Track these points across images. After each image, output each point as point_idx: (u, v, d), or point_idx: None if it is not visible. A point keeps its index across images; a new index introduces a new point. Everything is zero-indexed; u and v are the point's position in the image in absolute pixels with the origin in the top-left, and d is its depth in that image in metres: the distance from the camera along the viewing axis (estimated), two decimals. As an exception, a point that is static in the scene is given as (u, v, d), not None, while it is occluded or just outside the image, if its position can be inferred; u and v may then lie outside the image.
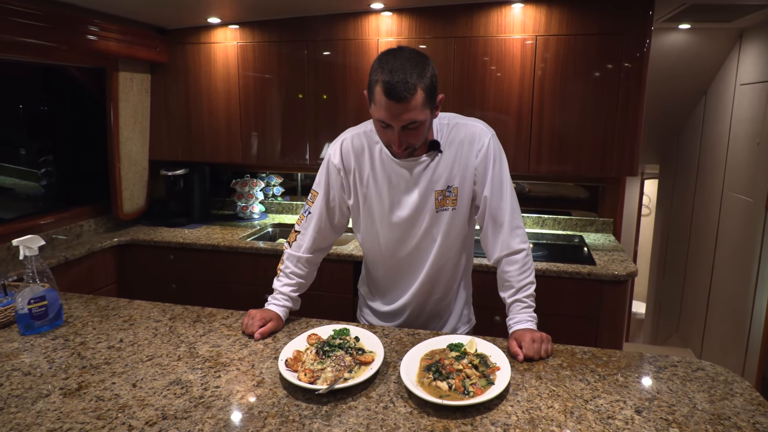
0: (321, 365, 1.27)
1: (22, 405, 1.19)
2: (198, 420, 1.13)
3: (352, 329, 1.49)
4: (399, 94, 1.27)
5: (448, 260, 1.62)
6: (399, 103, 1.29)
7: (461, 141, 1.50)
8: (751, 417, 1.13)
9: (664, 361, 1.39)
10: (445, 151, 1.50)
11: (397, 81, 1.27)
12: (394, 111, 1.30)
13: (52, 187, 3.22)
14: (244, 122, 3.26)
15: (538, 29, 2.72)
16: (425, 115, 1.35)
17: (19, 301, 1.56)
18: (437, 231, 1.56)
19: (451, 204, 1.53)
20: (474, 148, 1.49)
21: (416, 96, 1.29)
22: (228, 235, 3.15)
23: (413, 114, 1.31)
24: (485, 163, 1.49)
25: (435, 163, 1.50)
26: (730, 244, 3.33)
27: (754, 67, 3.07)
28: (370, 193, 1.57)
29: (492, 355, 1.34)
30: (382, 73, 1.29)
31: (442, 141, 1.50)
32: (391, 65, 1.29)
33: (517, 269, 1.51)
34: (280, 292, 1.66)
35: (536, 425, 1.11)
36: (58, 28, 2.57)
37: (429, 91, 1.32)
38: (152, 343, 1.52)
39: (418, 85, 1.29)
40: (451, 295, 1.71)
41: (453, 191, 1.52)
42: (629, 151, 2.70)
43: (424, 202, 1.53)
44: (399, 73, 1.27)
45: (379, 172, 1.54)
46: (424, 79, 1.30)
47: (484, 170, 1.50)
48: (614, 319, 2.51)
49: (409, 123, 1.33)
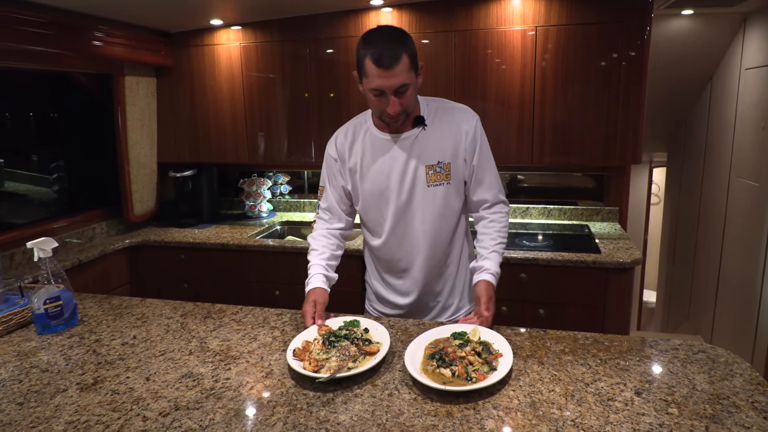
0: (326, 355, 1.31)
1: (41, 400, 1.24)
2: (209, 410, 1.17)
3: (361, 321, 1.53)
4: (387, 61, 1.43)
5: (446, 231, 1.71)
6: (389, 69, 1.44)
7: (450, 122, 1.65)
8: (749, 396, 1.15)
9: (666, 345, 1.41)
10: (432, 129, 1.64)
11: (384, 50, 1.43)
12: (385, 77, 1.45)
13: (63, 192, 3.29)
14: (249, 122, 3.30)
15: (538, 20, 2.72)
16: (412, 79, 1.49)
17: (35, 301, 1.61)
18: (432, 204, 1.66)
19: (445, 179, 1.65)
20: (463, 129, 1.64)
21: (402, 61, 1.44)
22: (237, 234, 3.19)
23: (402, 77, 1.46)
24: (474, 143, 1.65)
25: (423, 139, 1.63)
26: (737, 229, 3.32)
27: (759, 51, 3.05)
28: (364, 172, 1.68)
29: (495, 342, 1.37)
30: (369, 47, 1.46)
31: (428, 118, 1.64)
32: (375, 38, 1.47)
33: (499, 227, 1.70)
34: (313, 265, 1.71)
35: (537, 408, 1.13)
36: (64, 35, 2.62)
37: (412, 57, 1.48)
38: (164, 338, 1.56)
39: (403, 52, 1.45)
40: (452, 268, 1.77)
41: (444, 167, 1.64)
42: (632, 140, 2.70)
43: (414, 175, 1.63)
44: (383, 44, 1.44)
45: (369, 151, 1.67)
46: (406, 47, 1.46)
47: (473, 149, 1.65)
48: (620, 307, 2.52)
49: (400, 86, 1.47)
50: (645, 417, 1.09)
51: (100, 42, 2.83)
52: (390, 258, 1.76)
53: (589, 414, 1.10)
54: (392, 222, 1.69)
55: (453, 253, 1.75)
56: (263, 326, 1.63)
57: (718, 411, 1.10)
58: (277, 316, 1.70)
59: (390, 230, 1.70)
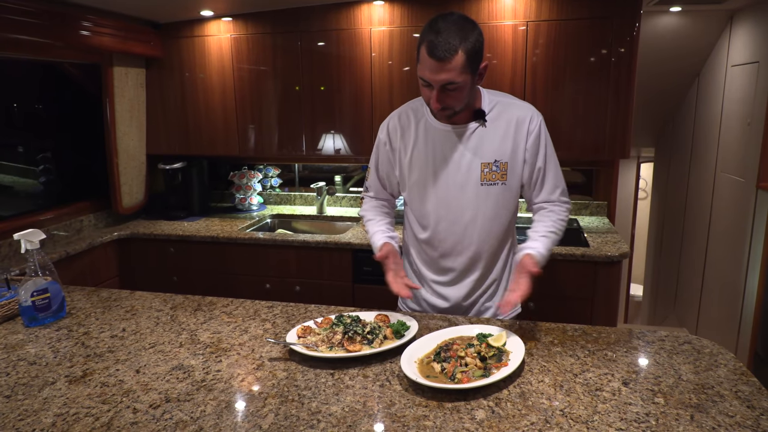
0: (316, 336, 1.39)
1: (29, 392, 1.23)
2: (200, 402, 1.17)
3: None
4: (440, 53, 1.34)
5: (494, 234, 1.63)
6: (439, 62, 1.35)
7: (510, 120, 1.56)
8: (733, 386, 1.17)
9: (652, 336, 1.43)
10: (492, 125, 1.55)
11: (441, 41, 1.34)
12: (434, 69, 1.37)
13: (51, 184, 3.25)
14: (240, 114, 3.28)
15: (529, 15, 2.73)
16: (464, 78, 1.40)
17: (22, 294, 1.59)
18: (486, 204, 1.58)
19: (500, 179, 1.57)
20: (524, 129, 1.55)
21: (456, 57, 1.35)
22: (227, 227, 3.18)
23: (452, 75, 1.37)
24: (537, 144, 1.56)
25: (481, 134, 1.55)
26: (722, 224, 3.37)
27: (745, 48, 3.09)
28: (414, 161, 1.62)
29: (513, 352, 1.30)
30: (429, 33, 1.36)
31: (489, 114, 1.55)
32: (438, 26, 1.36)
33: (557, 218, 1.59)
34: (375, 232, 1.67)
35: (527, 398, 1.15)
36: (52, 24, 2.58)
37: (471, 55, 1.37)
38: (154, 331, 1.55)
39: (460, 48, 1.35)
40: (496, 273, 1.69)
41: (500, 166, 1.56)
42: (621, 135, 2.73)
43: (468, 171, 1.56)
44: (443, 34, 1.34)
45: (422, 139, 1.60)
46: (466, 42, 1.36)
47: (536, 150, 1.56)
48: (608, 300, 2.55)
49: (448, 83, 1.39)
50: (632, 406, 1.11)
51: (89, 32, 2.79)
52: (432, 254, 1.68)
53: (577, 404, 1.12)
54: (438, 217, 1.62)
55: (500, 258, 1.68)
56: (254, 318, 1.63)
57: (703, 400, 1.12)
58: (268, 309, 1.70)
59: (435, 225, 1.63)
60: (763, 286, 2.78)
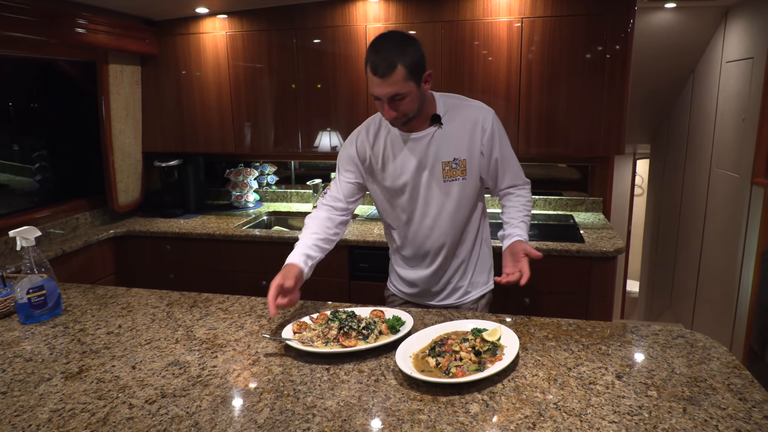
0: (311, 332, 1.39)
1: (25, 389, 1.23)
2: (196, 397, 1.17)
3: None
4: (381, 71, 1.48)
5: (461, 223, 1.77)
6: (381, 78, 1.49)
7: (465, 120, 1.68)
8: (726, 379, 1.18)
9: (646, 330, 1.44)
10: (448, 127, 1.67)
11: (380, 59, 1.48)
12: (378, 85, 1.51)
13: (46, 182, 3.24)
14: (236, 112, 3.28)
15: (524, 11, 2.73)
16: (409, 88, 1.52)
17: (18, 291, 1.59)
18: (449, 199, 1.71)
19: (461, 174, 1.70)
20: (479, 127, 1.67)
21: (396, 72, 1.48)
22: (223, 224, 3.18)
23: (396, 87, 1.50)
24: (491, 141, 1.69)
25: (439, 137, 1.67)
26: (717, 219, 3.39)
27: (739, 44, 3.10)
28: (384, 169, 1.74)
29: (508, 346, 1.31)
30: (370, 54, 1.51)
31: (444, 116, 1.67)
32: (378, 46, 1.50)
33: (524, 201, 1.78)
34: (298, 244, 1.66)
35: (521, 392, 1.15)
36: (46, 21, 2.57)
37: (411, 67, 1.49)
38: (150, 327, 1.56)
39: (399, 63, 1.47)
40: (465, 253, 1.83)
41: (460, 163, 1.69)
42: (616, 130, 2.74)
43: (431, 172, 1.69)
44: (382, 53, 1.48)
45: (390, 148, 1.72)
46: (405, 57, 1.48)
47: (491, 147, 1.70)
48: (603, 295, 2.56)
49: (394, 95, 1.51)
50: (625, 399, 1.11)
51: (84, 29, 2.78)
52: (407, 249, 1.83)
53: (571, 397, 1.13)
54: (409, 217, 1.76)
55: (467, 239, 1.81)
56: (250, 315, 1.63)
57: (696, 393, 1.13)
58: (263, 305, 1.70)
59: (407, 224, 1.78)
60: (758, 281, 2.79)
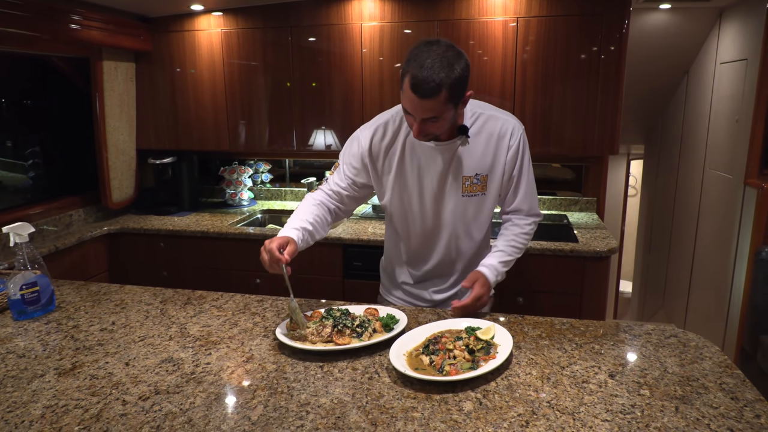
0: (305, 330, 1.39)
1: (18, 385, 1.22)
2: (190, 394, 1.17)
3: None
4: (422, 91, 1.32)
5: (473, 239, 1.71)
6: (422, 99, 1.34)
7: (492, 133, 1.58)
8: (718, 378, 1.19)
9: (639, 330, 1.45)
10: (475, 140, 1.57)
11: (424, 78, 1.31)
12: (416, 104, 1.36)
13: (39, 179, 3.22)
14: (230, 110, 3.27)
15: (519, 11, 2.74)
16: (447, 111, 1.40)
17: (11, 287, 1.58)
18: (465, 214, 1.65)
19: (480, 190, 1.62)
20: (505, 142, 1.59)
21: (440, 95, 1.33)
22: (217, 222, 3.17)
23: (435, 111, 1.37)
24: (516, 157, 1.61)
25: (464, 150, 1.57)
26: (710, 220, 3.41)
27: (733, 46, 3.12)
28: (399, 174, 1.63)
29: (501, 345, 1.31)
30: (413, 66, 1.33)
31: (472, 128, 1.56)
32: (422, 60, 1.32)
33: (519, 232, 1.68)
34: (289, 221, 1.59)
35: (514, 390, 1.16)
36: (40, 17, 2.56)
37: (454, 90, 1.36)
38: (144, 324, 1.55)
39: (444, 86, 1.33)
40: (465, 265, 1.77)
41: (481, 179, 1.61)
42: (610, 131, 2.75)
43: (451, 185, 1.61)
44: (427, 71, 1.31)
45: (408, 154, 1.60)
46: (450, 78, 1.33)
47: (514, 164, 1.61)
48: (596, 294, 2.57)
49: (431, 117, 1.39)
50: (618, 398, 1.12)
51: (78, 25, 2.77)
52: (413, 256, 1.77)
53: (564, 396, 1.13)
54: (421, 226, 1.69)
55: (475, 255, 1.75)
56: (244, 312, 1.63)
57: (688, 392, 1.14)
58: (258, 303, 1.70)
59: (417, 233, 1.71)
60: (750, 281, 2.81)
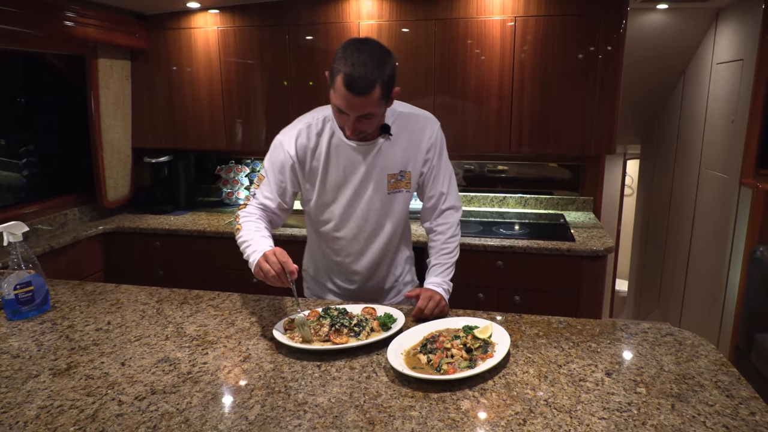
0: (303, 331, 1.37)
1: (12, 385, 1.22)
2: (186, 394, 1.16)
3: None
4: (358, 88, 1.35)
5: (396, 234, 1.76)
6: (357, 96, 1.37)
7: (413, 131, 1.64)
8: (713, 376, 1.20)
9: (635, 328, 1.45)
10: (397, 138, 1.61)
11: (358, 76, 1.34)
12: (352, 102, 1.38)
13: (34, 177, 3.20)
14: (227, 108, 3.26)
15: (517, 10, 2.74)
16: (380, 107, 1.44)
17: (5, 287, 1.57)
18: (390, 211, 1.69)
19: (405, 186, 1.67)
20: (425, 137, 1.65)
21: (374, 91, 1.37)
22: (214, 221, 3.16)
23: (370, 108, 1.41)
24: (434, 151, 1.67)
25: (387, 148, 1.61)
26: (706, 219, 3.42)
27: (730, 46, 3.13)
28: (326, 177, 1.64)
29: (499, 344, 1.31)
30: (345, 65, 1.36)
31: (393, 126, 1.60)
32: (355, 58, 1.35)
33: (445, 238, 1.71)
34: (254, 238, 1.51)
35: (511, 389, 1.16)
36: (35, 14, 2.54)
37: (386, 87, 1.40)
38: (140, 324, 1.54)
39: (377, 82, 1.37)
40: (398, 257, 1.84)
41: (405, 175, 1.66)
42: (607, 130, 2.76)
43: (377, 183, 1.64)
44: (360, 68, 1.34)
45: (334, 156, 1.62)
46: (383, 75, 1.37)
47: (433, 156, 1.67)
48: (593, 293, 2.58)
49: (365, 114, 1.42)
50: (614, 396, 1.12)
51: (72, 22, 2.75)
52: (342, 257, 1.76)
53: (561, 394, 1.13)
54: (347, 226, 1.69)
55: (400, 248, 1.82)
56: (241, 312, 1.62)
57: (684, 390, 1.14)
58: (255, 302, 1.69)
59: (345, 233, 1.71)
60: (745, 280, 2.82)
